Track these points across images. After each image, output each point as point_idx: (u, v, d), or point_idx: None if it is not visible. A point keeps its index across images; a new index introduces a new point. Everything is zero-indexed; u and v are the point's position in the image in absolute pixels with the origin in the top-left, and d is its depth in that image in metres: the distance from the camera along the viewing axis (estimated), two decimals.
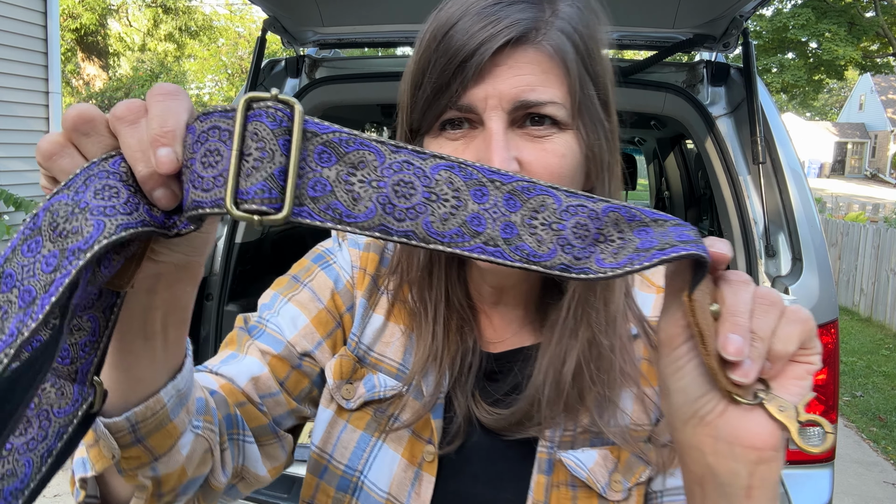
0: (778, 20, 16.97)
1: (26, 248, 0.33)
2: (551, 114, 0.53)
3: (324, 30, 2.09)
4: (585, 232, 0.38)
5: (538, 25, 0.53)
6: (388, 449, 0.62)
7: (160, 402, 0.46)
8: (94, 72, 14.79)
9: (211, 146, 0.35)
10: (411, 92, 0.56)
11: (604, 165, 0.58)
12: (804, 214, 1.68)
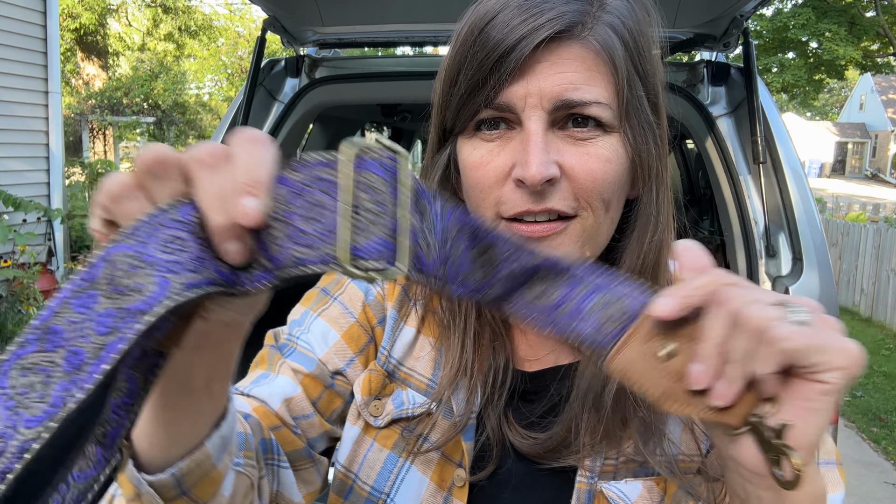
0: (778, 20, 16.97)
1: (79, 303, 0.29)
2: (596, 115, 0.49)
3: (324, 29, 2.08)
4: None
5: (584, 19, 0.49)
6: (417, 471, 0.58)
7: (205, 453, 0.42)
8: (94, 71, 14.79)
9: (313, 198, 0.32)
10: (446, 90, 0.53)
11: (652, 172, 0.53)
12: (804, 214, 1.68)
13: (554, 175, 0.49)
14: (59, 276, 5.20)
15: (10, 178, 5.06)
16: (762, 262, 1.71)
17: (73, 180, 6.70)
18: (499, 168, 0.51)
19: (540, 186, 0.48)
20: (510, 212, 0.51)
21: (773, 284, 1.68)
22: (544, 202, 0.49)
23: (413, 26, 2.05)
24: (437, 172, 0.56)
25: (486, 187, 0.51)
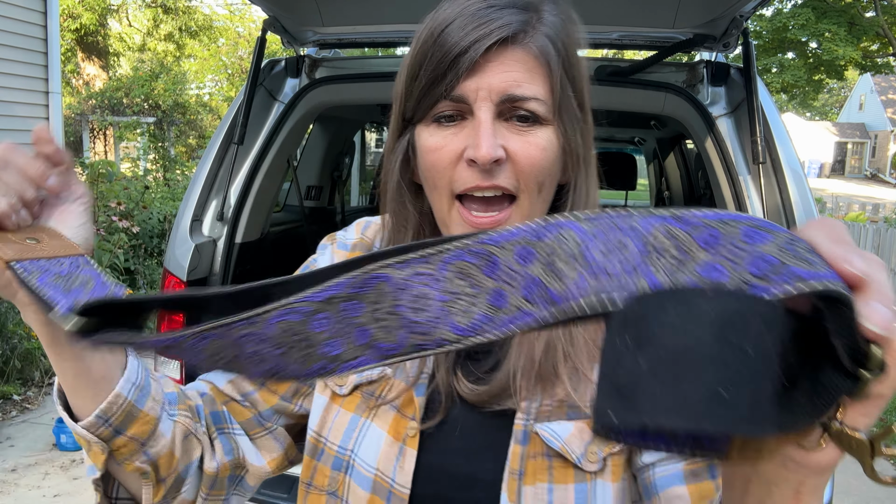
0: (778, 20, 16.97)
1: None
2: (534, 109, 0.58)
3: (324, 30, 2.09)
4: (623, 250, 0.31)
5: (526, 29, 0.58)
6: (376, 427, 0.66)
7: (120, 395, 0.56)
8: (94, 72, 14.79)
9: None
10: (408, 83, 0.61)
11: (580, 160, 0.63)
12: (804, 214, 1.68)
13: (500, 156, 0.57)
14: None
15: None
16: None
17: None
18: (453, 151, 0.59)
19: (489, 165, 0.57)
20: (462, 187, 0.59)
21: None
22: (492, 179, 0.58)
23: (413, 26, 2.04)
24: (399, 156, 0.64)
25: (442, 168, 0.59)
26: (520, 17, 0.58)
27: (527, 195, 0.59)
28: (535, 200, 0.60)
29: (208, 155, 2.03)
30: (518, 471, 0.61)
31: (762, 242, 0.29)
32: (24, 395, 4.17)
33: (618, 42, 2.12)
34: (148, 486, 0.59)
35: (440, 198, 0.61)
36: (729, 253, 0.29)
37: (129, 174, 8.71)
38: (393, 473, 0.64)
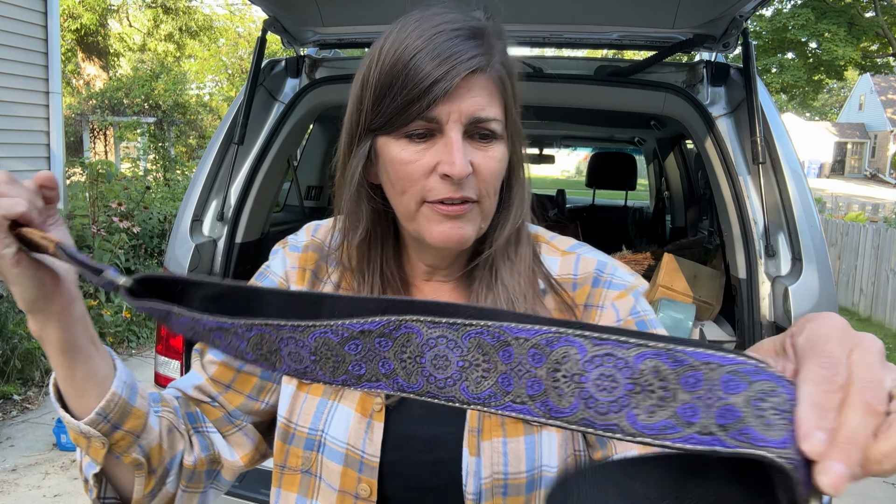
0: (778, 20, 16.97)
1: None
2: (493, 128, 0.67)
3: (324, 30, 2.09)
4: (612, 384, 0.34)
5: (488, 59, 0.66)
6: (343, 407, 0.73)
7: (115, 393, 0.62)
8: (95, 72, 14.78)
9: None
10: (375, 99, 0.67)
11: (520, 164, 0.75)
12: (804, 214, 1.68)
13: (470, 171, 0.66)
14: None
15: None
16: (762, 262, 1.72)
17: (73, 180, 6.69)
18: (426, 165, 0.67)
19: (462, 180, 0.66)
20: (434, 197, 0.67)
21: (773, 284, 1.69)
22: (461, 191, 0.67)
23: None
24: (361, 161, 0.70)
25: (415, 179, 0.67)
26: (481, 48, 0.66)
27: (486, 199, 0.69)
28: (492, 202, 0.71)
29: (208, 155, 2.03)
30: (476, 428, 0.70)
31: (735, 392, 0.31)
32: (25, 395, 4.17)
33: (618, 42, 2.12)
34: (140, 476, 0.66)
35: (409, 201, 0.69)
36: (706, 397, 0.31)
37: (129, 174, 8.71)
38: (363, 445, 0.71)
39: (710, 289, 2.25)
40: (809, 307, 1.59)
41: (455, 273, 0.78)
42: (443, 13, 0.68)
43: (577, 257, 0.78)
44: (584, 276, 0.76)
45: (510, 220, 0.73)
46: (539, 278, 0.76)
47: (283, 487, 0.76)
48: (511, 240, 0.74)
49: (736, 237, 1.80)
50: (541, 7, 1.88)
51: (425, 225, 0.68)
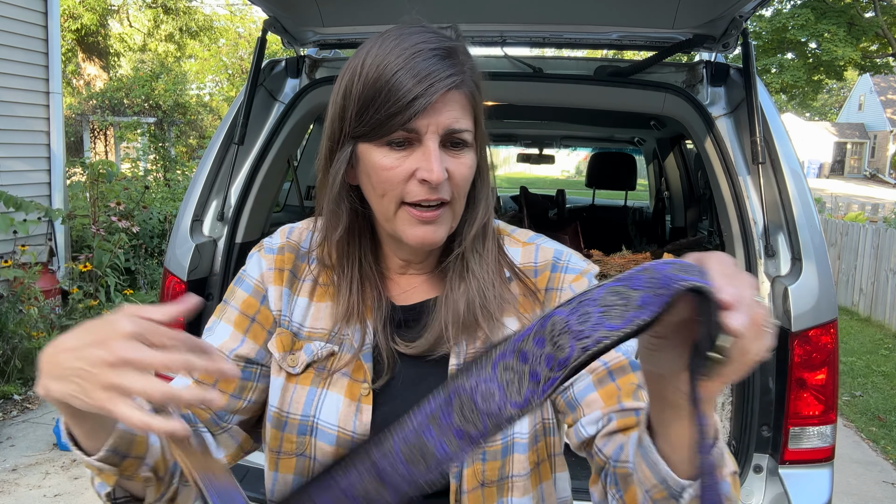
0: (777, 20, 16.97)
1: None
2: (465, 138, 0.76)
3: (324, 30, 2.09)
4: (587, 316, 0.50)
5: (462, 77, 0.74)
6: (333, 393, 0.80)
7: (120, 429, 0.64)
8: (95, 72, 14.78)
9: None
10: (359, 110, 0.74)
11: (487, 167, 0.83)
12: (804, 214, 1.68)
13: (445, 177, 0.74)
14: (59, 275, 5.20)
15: (12, 178, 5.06)
16: (761, 262, 1.72)
17: (73, 180, 6.69)
18: (405, 170, 0.74)
19: (438, 184, 0.74)
20: (413, 199, 0.75)
21: (773, 284, 1.69)
22: (437, 194, 0.75)
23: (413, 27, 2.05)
24: (343, 165, 0.78)
25: (396, 183, 0.75)
26: (456, 66, 0.74)
27: (457, 200, 0.78)
28: (462, 203, 0.79)
29: (209, 155, 2.03)
30: None
31: (667, 268, 0.49)
32: (25, 395, 4.17)
33: (618, 42, 2.12)
34: (150, 487, 0.69)
35: (388, 203, 0.76)
36: (648, 284, 0.49)
37: (129, 174, 8.71)
38: (353, 427, 0.79)
39: None
40: (809, 307, 1.59)
41: (428, 267, 0.86)
42: (419, 32, 0.75)
43: (536, 247, 0.88)
44: (543, 263, 0.86)
45: (478, 218, 0.82)
46: (504, 267, 0.85)
47: (280, 471, 0.82)
48: (479, 235, 0.83)
49: (735, 237, 1.80)
50: (541, 7, 1.88)
51: (402, 227, 0.76)
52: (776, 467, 1.63)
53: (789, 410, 1.61)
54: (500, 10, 1.93)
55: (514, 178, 13.24)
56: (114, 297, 5.29)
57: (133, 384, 0.51)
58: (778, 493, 1.62)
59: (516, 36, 2.09)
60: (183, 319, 0.57)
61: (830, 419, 1.62)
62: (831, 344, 1.59)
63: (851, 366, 5.68)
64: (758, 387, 1.65)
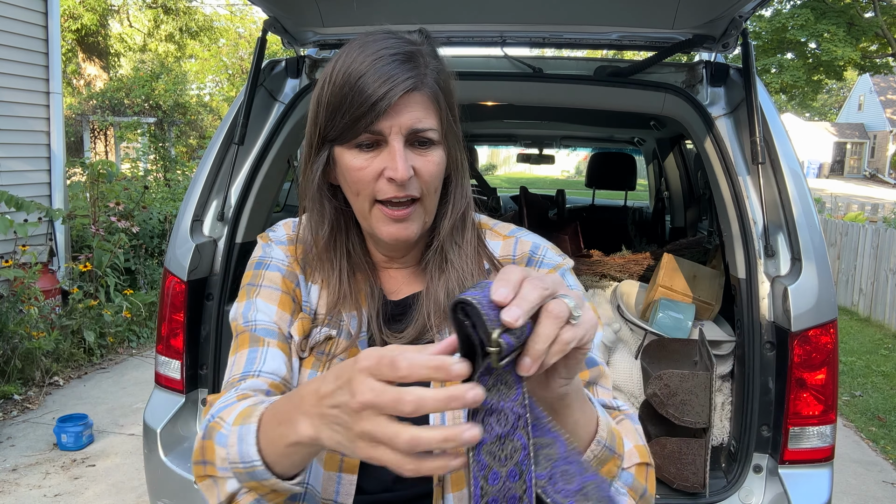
0: (777, 21, 16.97)
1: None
2: (430, 136, 0.80)
3: (324, 30, 2.09)
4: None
5: (422, 79, 0.78)
6: None
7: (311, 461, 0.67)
8: (95, 72, 14.78)
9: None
10: (328, 114, 0.80)
11: (458, 164, 0.87)
12: (803, 214, 1.68)
13: (411, 174, 0.78)
14: (60, 275, 5.19)
15: (12, 178, 5.06)
16: (761, 262, 1.72)
17: (74, 180, 6.69)
18: (374, 170, 0.79)
19: (404, 181, 0.78)
20: (383, 196, 0.80)
21: (772, 284, 1.69)
22: (405, 191, 0.79)
23: (413, 27, 2.05)
24: (320, 167, 0.83)
25: (366, 182, 0.80)
26: (416, 70, 0.78)
27: (427, 197, 0.82)
28: (433, 199, 0.83)
29: (209, 155, 2.03)
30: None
31: (471, 288, 0.56)
32: (25, 395, 4.17)
33: (617, 42, 2.12)
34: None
35: (363, 202, 0.82)
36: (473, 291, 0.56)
37: (129, 174, 8.71)
38: None
39: (709, 289, 2.25)
40: (809, 307, 1.60)
41: (412, 261, 0.91)
42: (383, 39, 0.80)
43: (515, 240, 0.92)
44: (521, 255, 0.90)
45: (451, 211, 0.87)
46: (484, 259, 0.89)
47: None
48: (457, 227, 0.87)
49: (735, 237, 1.80)
50: (541, 7, 1.88)
51: (376, 224, 0.82)
52: (776, 467, 1.64)
53: (789, 410, 1.61)
54: (500, 10, 1.93)
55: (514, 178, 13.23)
56: (114, 297, 5.29)
57: (381, 432, 0.51)
58: (778, 492, 1.62)
59: (516, 36, 2.09)
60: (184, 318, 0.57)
61: (830, 419, 1.62)
62: (831, 344, 1.60)
63: (851, 366, 5.68)
64: (758, 387, 1.65)
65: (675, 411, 1.71)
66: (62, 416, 3.61)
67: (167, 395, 1.93)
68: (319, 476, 0.84)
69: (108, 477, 3.24)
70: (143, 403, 3.10)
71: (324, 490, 0.83)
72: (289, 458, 0.63)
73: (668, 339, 2.05)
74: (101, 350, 4.96)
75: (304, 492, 0.83)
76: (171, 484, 1.81)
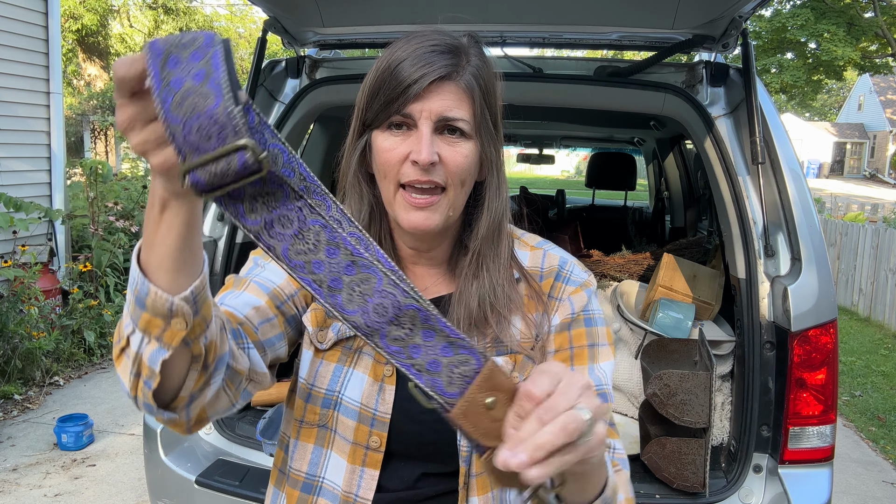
0: (777, 21, 16.96)
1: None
2: (461, 127, 0.80)
3: (324, 30, 2.09)
4: (384, 311, 0.56)
5: (457, 69, 0.80)
6: (358, 372, 0.86)
7: (205, 276, 0.62)
8: (95, 72, 14.79)
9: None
10: (369, 99, 0.82)
11: (493, 164, 0.87)
12: (803, 214, 1.68)
13: (435, 160, 0.79)
14: (60, 275, 5.20)
15: (12, 178, 5.06)
16: (761, 262, 1.72)
17: (74, 180, 6.69)
18: (401, 153, 0.80)
19: (427, 166, 0.79)
20: (406, 179, 0.80)
21: (772, 284, 1.69)
22: (428, 176, 0.80)
23: (413, 27, 2.05)
24: (357, 153, 0.85)
25: (393, 164, 0.81)
26: (453, 60, 0.80)
27: (452, 188, 0.82)
28: (458, 192, 0.83)
29: None
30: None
31: (447, 355, 0.58)
32: (26, 395, 4.17)
33: (617, 43, 2.13)
34: (195, 371, 0.64)
35: (388, 185, 0.82)
36: (430, 348, 0.58)
37: (129, 174, 8.71)
38: (376, 405, 0.85)
39: (709, 289, 2.25)
40: (808, 307, 1.60)
41: (437, 260, 0.91)
42: (430, 34, 0.82)
43: (543, 253, 0.93)
44: (549, 269, 0.91)
45: (486, 213, 0.87)
46: (514, 268, 0.90)
47: (301, 439, 0.89)
48: (494, 235, 0.88)
49: (735, 237, 1.80)
50: (541, 7, 1.88)
51: (399, 211, 0.82)
52: (776, 467, 1.64)
53: (789, 410, 1.61)
54: (500, 10, 1.93)
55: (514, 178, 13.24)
56: (114, 297, 5.29)
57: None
58: (777, 492, 1.62)
59: (516, 36, 2.09)
60: None
61: (830, 419, 1.62)
62: (831, 344, 1.60)
63: (851, 366, 5.68)
64: (757, 387, 1.66)
65: (675, 411, 1.71)
66: (62, 416, 3.61)
67: None
68: (341, 469, 0.86)
69: (109, 477, 3.24)
70: None
71: (345, 483, 0.85)
72: (163, 248, 0.57)
73: (668, 339, 2.05)
74: (102, 350, 4.96)
75: (318, 484, 0.86)
76: (171, 484, 1.81)
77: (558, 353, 0.88)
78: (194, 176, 0.50)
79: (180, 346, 0.60)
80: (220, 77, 0.51)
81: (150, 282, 0.58)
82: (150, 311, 0.59)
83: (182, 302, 0.59)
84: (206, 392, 0.67)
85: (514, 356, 0.87)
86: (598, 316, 0.90)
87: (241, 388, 0.76)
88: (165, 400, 0.64)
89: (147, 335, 0.60)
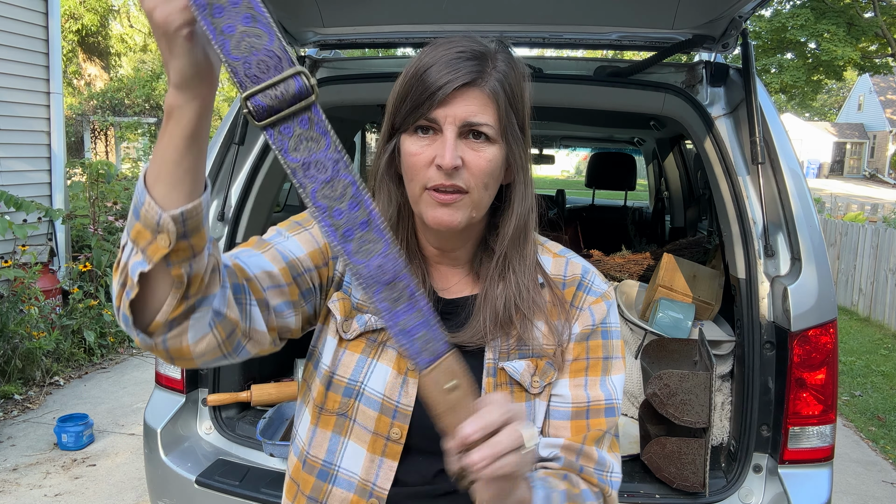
0: (777, 21, 16.95)
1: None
2: (485, 132, 0.82)
3: (324, 31, 2.09)
4: (383, 273, 0.67)
5: (483, 75, 0.82)
6: (382, 365, 0.89)
7: (201, 203, 0.65)
8: (96, 72, 14.78)
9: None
10: (398, 104, 0.85)
11: (519, 168, 0.89)
12: (803, 214, 1.68)
13: (458, 164, 0.81)
14: (60, 275, 5.20)
15: (12, 178, 5.06)
16: (761, 262, 1.72)
17: (74, 181, 6.69)
18: (427, 157, 0.82)
19: (451, 170, 0.80)
20: (431, 183, 0.82)
21: (772, 284, 1.69)
22: (452, 180, 0.81)
23: (413, 27, 2.06)
24: (387, 154, 0.88)
25: (419, 168, 0.83)
26: (479, 66, 0.81)
27: (475, 190, 0.83)
28: (482, 194, 0.84)
29: (209, 155, 2.03)
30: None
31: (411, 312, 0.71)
32: (26, 395, 4.18)
33: (617, 43, 2.13)
34: (175, 297, 0.66)
35: (415, 187, 0.84)
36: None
37: (129, 174, 8.71)
38: (398, 397, 0.87)
39: (709, 288, 2.25)
40: (808, 307, 1.60)
41: (461, 259, 0.93)
42: (458, 40, 0.84)
43: (566, 261, 0.95)
44: (571, 278, 0.93)
45: (512, 217, 0.88)
46: (539, 274, 0.92)
47: (320, 426, 0.91)
48: (520, 238, 0.89)
49: (735, 237, 1.80)
50: (541, 7, 1.88)
51: (424, 209, 0.83)
52: (776, 467, 1.64)
53: (789, 410, 1.61)
54: (500, 10, 1.93)
55: None
56: None
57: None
58: (777, 492, 1.62)
59: (516, 36, 2.09)
60: None
61: (830, 419, 1.62)
62: (831, 344, 1.60)
63: (851, 366, 5.68)
64: (757, 387, 1.66)
65: (675, 411, 1.71)
66: (62, 416, 3.61)
67: (167, 395, 1.93)
68: (360, 458, 0.87)
69: (109, 477, 3.24)
70: (143, 403, 3.09)
71: (364, 471, 0.87)
72: (162, 158, 0.63)
73: (668, 339, 2.06)
74: (102, 350, 4.96)
75: (334, 473, 0.89)
76: (171, 484, 1.81)
77: (575, 362, 0.90)
78: (256, 100, 0.59)
79: (161, 263, 0.64)
80: (267, 18, 0.59)
81: (148, 193, 0.63)
82: (142, 221, 0.64)
83: (170, 219, 0.62)
84: (186, 326, 0.68)
85: (535, 361, 0.89)
86: (615, 329, 0.93)
87: (236, 340, 0.75)
88: (144, 322, 0.68)
89: (135, 246, 0.64)
